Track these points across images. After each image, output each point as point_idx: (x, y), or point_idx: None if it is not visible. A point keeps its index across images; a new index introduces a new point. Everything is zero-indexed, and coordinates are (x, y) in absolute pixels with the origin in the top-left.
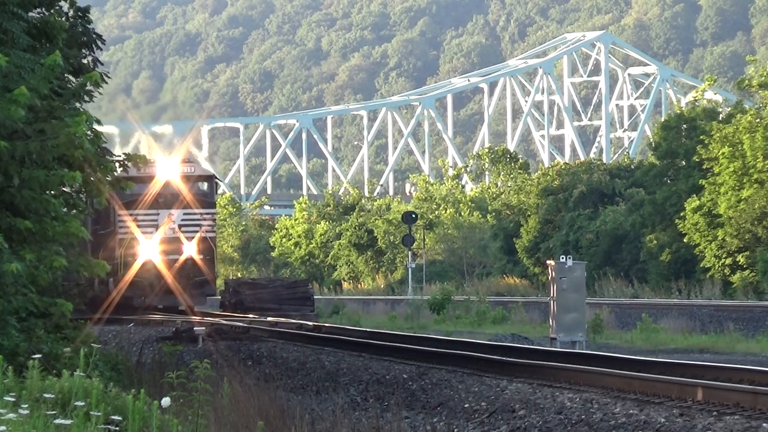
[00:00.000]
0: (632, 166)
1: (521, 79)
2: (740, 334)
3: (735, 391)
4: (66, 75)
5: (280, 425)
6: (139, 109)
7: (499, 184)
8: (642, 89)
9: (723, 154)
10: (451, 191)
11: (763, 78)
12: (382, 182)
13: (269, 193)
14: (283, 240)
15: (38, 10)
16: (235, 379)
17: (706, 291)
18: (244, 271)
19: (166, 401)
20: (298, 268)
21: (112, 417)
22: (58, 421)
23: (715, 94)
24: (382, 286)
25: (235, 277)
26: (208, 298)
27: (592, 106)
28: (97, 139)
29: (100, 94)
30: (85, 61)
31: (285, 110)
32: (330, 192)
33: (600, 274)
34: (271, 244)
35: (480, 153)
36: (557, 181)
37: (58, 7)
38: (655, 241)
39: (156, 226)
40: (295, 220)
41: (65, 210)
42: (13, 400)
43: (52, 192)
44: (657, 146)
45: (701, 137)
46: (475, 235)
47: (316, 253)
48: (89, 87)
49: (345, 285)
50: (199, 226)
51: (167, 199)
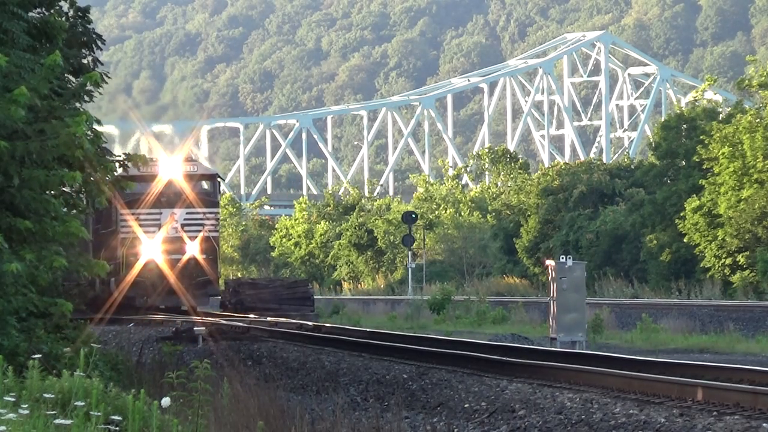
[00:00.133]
0: (632, 166)
1: (521, 79)
2: (740, 334)
3: (735, 391)
4: (66, 75)
5: (280, 425)
6: (139, 109)
7: (499, 184)
8: (642, 89)
9: (723, 154)
10: (451, 191)
11: (763, 78)
12: (382, 182)
13: (269, 193)
14: (283, 240)
15: (38, 10)
16: (235, 379)
17: (706, 291)
18: (244, 271)
19: (166, 401)
20: (298, 268)
21: (112, 417)
22: (58, 421)
23: (715, 94)
24: (382, 286)
25: (235, 278)
26: (209, 299)
27: (592, 106)
28: (97, 139)
29: (100, 94)
30: (85, 61)
31: (285, 110)
32: (330, 192)
33: (600, 274)
34: (271, 244)
35: (480, 153)
36: (557, 181)
37: (58, 7)
38: (655, 241)
39: (158, 226)
40: (295, 220)
41: (65, 210)
42: (13, 400)
43: (52, 192)
44: (657, 146)
45: (701, 137)
46: (475, 235)
47: (316, 253)
48: (89, 87)
49: (345, 285)
50: (202, 225)
51: (170, 198)
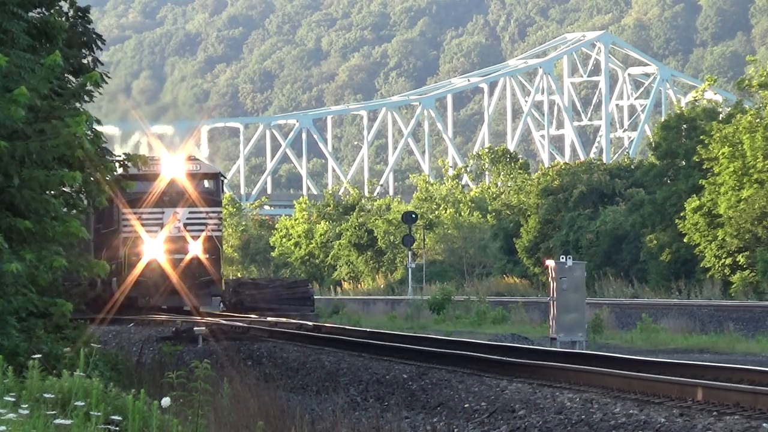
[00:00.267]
0: (632, 166)
1: (521, 79)
2: (740, 334)
3: (735, 391)
4: (66, 75)
5: (280, 425)
6: (140, 110)
7: (499, 184)
8: (642, 89)
9: (723, 154)
10: (451, 191)
11: (763, 78)
12: (382, 182)
13: (269, 193)
14: (283, 240)
15: (38, 10)
16: (236, 379)
17: (706, 291)
18: (244, 271)
19: (166, 401)
20: (298, 268)
21: (112, 417)
22: (58, 421)
23: (715, 94)
24: (382, 286)
25: (235, 278)
26: (212, 299)
27: (592, 106)
28: (97, 139)
29: (100, 94)
30: (85, 61)
31: (285, 110)
32: (330, 192)
33: (600, 274)
34: (271, 244)
35: (480, 153)
36: (557, 181)
37: (58, 7)
38: (655, 241)
39: (161, 225)
40: (295, 220)
41: (65, 210)
42: (13, 400)
43: (52, 192)
44: (657, 146)
45: (701, 137)
46: (475, 235)
47: (316, 253)
48: (89, 87)
49: (345, 285)
50: (205, 224)
51: (172, 197)
